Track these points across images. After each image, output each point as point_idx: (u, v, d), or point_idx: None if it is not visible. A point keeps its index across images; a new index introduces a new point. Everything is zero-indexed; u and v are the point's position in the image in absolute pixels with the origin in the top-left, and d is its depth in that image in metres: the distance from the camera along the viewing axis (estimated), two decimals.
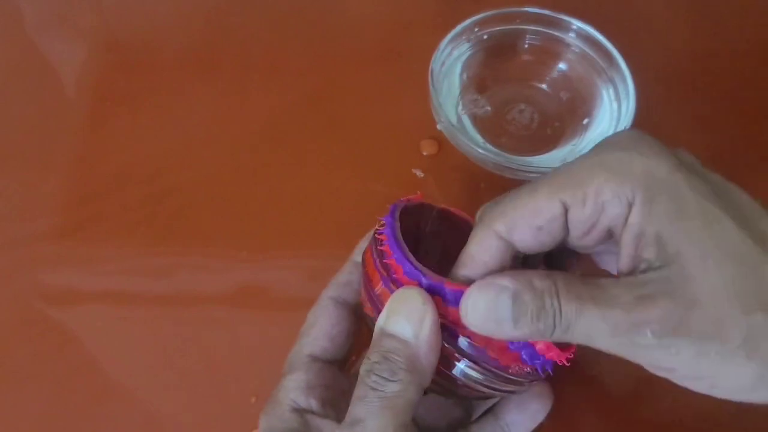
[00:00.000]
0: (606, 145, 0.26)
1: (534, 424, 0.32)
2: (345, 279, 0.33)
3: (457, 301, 0.25)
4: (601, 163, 0.25)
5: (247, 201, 0.43)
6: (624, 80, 0.42)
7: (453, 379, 0.27)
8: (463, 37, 0.45)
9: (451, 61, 0.44)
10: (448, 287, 0.26)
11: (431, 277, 0.26)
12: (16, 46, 0.51)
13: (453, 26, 0.44)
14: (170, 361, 0.37)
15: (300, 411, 0.29)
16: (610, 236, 0.26)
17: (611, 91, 0.43)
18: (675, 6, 0.53)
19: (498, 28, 0.45)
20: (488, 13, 0.45)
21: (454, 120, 0.42)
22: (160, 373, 0.37)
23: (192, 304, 0.39)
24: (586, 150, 0.43)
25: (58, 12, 0.53)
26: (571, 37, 0.45)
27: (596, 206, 0.25)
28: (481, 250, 0.27)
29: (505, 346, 0.26)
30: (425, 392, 0.26)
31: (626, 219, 0.24)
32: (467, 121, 0.44)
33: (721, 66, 0.50)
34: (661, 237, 0.23)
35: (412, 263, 0.26)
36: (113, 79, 0.49)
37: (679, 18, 0.53)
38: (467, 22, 0.44)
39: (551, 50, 0.46)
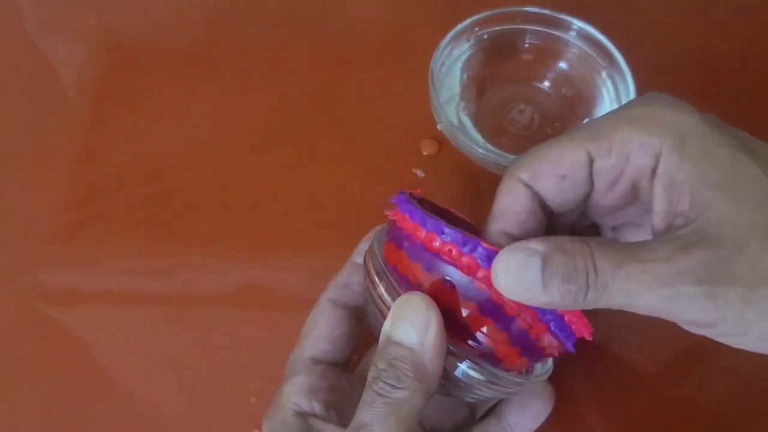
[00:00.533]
0: (629, 103, 0.26)
1: (536, 425, 0.32)
2: (344, 281, 0.33)
3: (491, 262, 0.25)
4: (626, 117, 0.25)
5: (247, 201, 0.43)
6: (624, 80, 0.42)
7: (455, 381, 0.27)
8: (463, 37, 0.45)
9: (451, 61, 0.44)
10: (484, 246, 0.25)
11: (468, 236, 0.25)
12: (16, 46, 0.51)
13: (453, 26, 0.44)
14: (170, 361, 0.37)
15: (303, 415, 0.29)
16: (635, 196, 0.26)
17: (611, 90, 0.43)
18: (675, 5, 0.53)
19: (498, 28, 0.45)
20: (488, 12, 0.45)
21: (454, 120, 0.42)
22: (160, 373, 0.37)
23: (192, 304, 0.39)
24: None
25: (58, 12, 0.53)
26: (571, 37, 0.45)
27: (621, 156, 0.25)
28: (508, 200, 0.27)
29: (536, 316, 0.25)
30: None
31: (653, 170, 0.24)
32: (467, 121, 0.44)
33: (722, 66, 0.50)
34: (694, 184, 0.23)
35: (447, 226, 0.26)
36: (113, 79, 0.49)
37: (680, 18, 0.53)
38: (467, 21, 0.44)
39: (551, 50, 0.46)
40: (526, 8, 0.45)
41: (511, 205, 0.27)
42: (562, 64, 0.46)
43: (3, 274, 0.41)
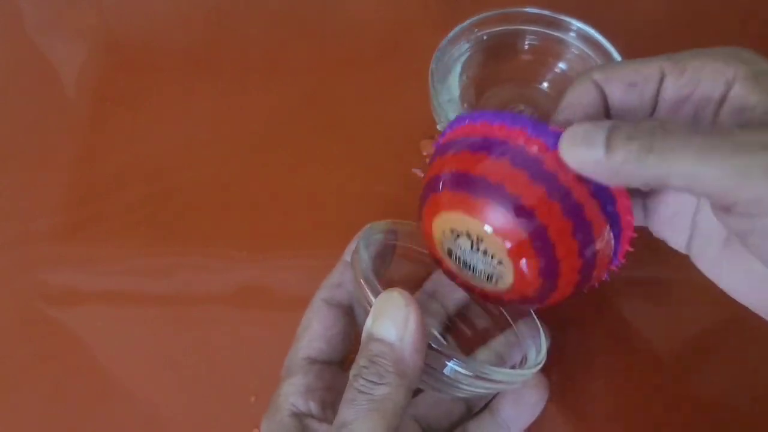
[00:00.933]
0: (706, 48, 0.27)
1: (532, 417, 0.32)
2: (337, 280, 0.33)
3: (557, 145, 0.26)
4: (706, 51, 0.26)
5: (247, 201, 0.43)
6: None
7: (442, 378, 0.27)
8: (463, 38, 0.45)
9: (450, 62, 0.44)
10: (551, 129, 0.26)
11: (533, 121, 0.26)
12: (16, 46, 0.51)
13: (453, 27, 0.44)
14: (170, 361, 0.37)
15: (299, 415, 0.29)
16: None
17: None
18: (674, 7, 0.53)
19: (498, 29, 0.45)
20: (488, 13, 0.45)
21: None
22: (160, 373, 0.37)
23: (192, 304, 0.39)
24: None
25: (58, 12, 0.53)
26: (570, 38, 0.45)
27: (693, 79, 0.25)
28: (577, 94, 0.28)
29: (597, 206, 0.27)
30: (420, 390, 0.26)
31: (722, 98, 0.25)
32: None
33: None
34: (765, 110, 0.23)
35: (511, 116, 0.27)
36: (113, 79, 0.49)
37: (679, 19, 0.53)
38: (467, 22, 0.44)
39: (551, 51, 0.46)
40: (526, 9, 0.45)
41: (579, 99, 0.28)
42: (562, 65, 0.46)
43: (3, 274, 0.41)
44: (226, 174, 0.44)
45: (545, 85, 0.46)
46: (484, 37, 0.45)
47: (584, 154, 0.24)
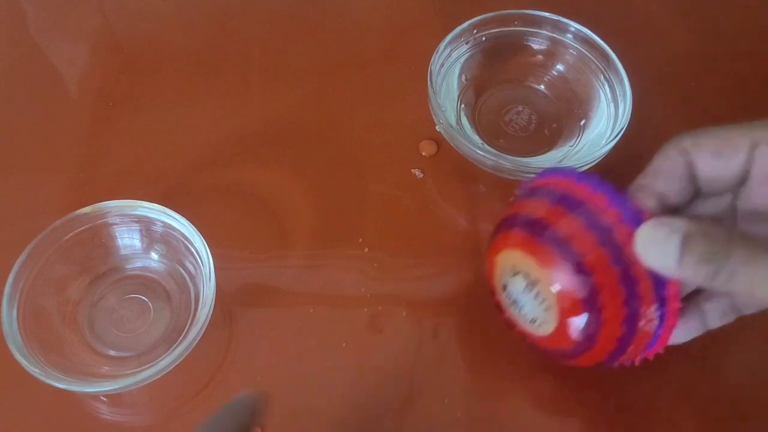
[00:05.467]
0: None
1: None
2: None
3: (633, 220, 0.27)
4: None
5: (248, 201, 0.43)
6: (621, 81, 0.42)
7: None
8: (462, 39, 0.45)
9: (450, 63, 0.45)
10: (631, 203, 0.28)
11: (615, 190, 0.28)
12: (19, 48, 0.51)
13: (452, 28, 0.44)
14: None
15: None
16: None
17: (608, 92, 0.44)
18: (672, 7, 0.54)
19: (496, 30, 0.46)
20: (487, 15, 0.45)
21: (453, 121, 0.42)
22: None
23: None
24: (583, 151, 0.44)
25: (61, 13, 0.53)
26: (568, 39, 0.45)
27: None
28: (663, 160, 0.28)
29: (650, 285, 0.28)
30: None
31: None
32: (466, 123, 0.45)
33: (718, 67, 0.50)
34: None
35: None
36: (115, 81, 0.49)
37: (676, 19, 0.53)
38: (466, 24, 0.45)
39: (549, 52, 0.46)
40: (524, 11, 0.45)
41: (664, 164, 0.29)
42: (560, 66, 0.46)
43: (4, 275, 0.41)
44: (227, 174, 0.45)
45: (543, 86, 0.47)
46: (483, 39, 0.46)
47: (658, 260, 0.26)
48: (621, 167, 0.34)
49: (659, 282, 0.28)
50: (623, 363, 0.31)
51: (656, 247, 0.25)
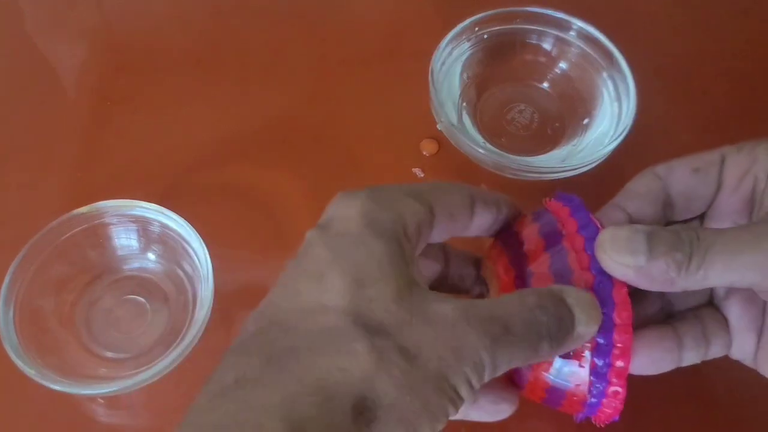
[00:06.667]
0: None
1: None
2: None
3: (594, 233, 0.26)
4: (761, 142, 0.28)
5: (247, 201, 0.43)
6: (624, 79, 0.42)
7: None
8: (464, 37, 0.45)
9: (451, 61, 0.44)
10: (594, 221, 0.27)
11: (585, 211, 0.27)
12: (16, 47, 0.51)
13: (453, 26, 0.44)
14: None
15: None
16: (753, 204, 0.27)
17: (612, 90, 0.43)
18: (675, 5, 0.53)
19: (498, 28, 0.45)
20: (488, 12, 0.45)
21: (454, 120, 0.42)
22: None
23: None
24: (587, 150, 0.43)
25: (59, 12, 0.53)
26: (571, 37, 0.45)
27: (751, 155, 0.27)
28: (638, 183, 0.29)
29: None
30: None
31: None
32: (467, 121, 0.44)
33: (722, 65, 0.50)
34: None
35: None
36: (113, 80, 0.49)
37: (680, 17, 0.53)
38: (467, 21, 0.44)
39: (551, 50, 0.46)
40: (526, 8, 0.45)
41: (638, 188, 0.29)
42: (562, 64, 0.46)
43: (3, 275, 0.41)
44: (226, 174, 0.44)
45: (545, 84, 0.46)
46: (485, 36, 0.45)
47: (625, 257, 0.24)
48: (624, 166, 0.33)
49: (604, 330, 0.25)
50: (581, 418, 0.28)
51: (622, 245, 0.24)
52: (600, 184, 0.30)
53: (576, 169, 0.40)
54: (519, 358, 0.23)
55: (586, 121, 0.44)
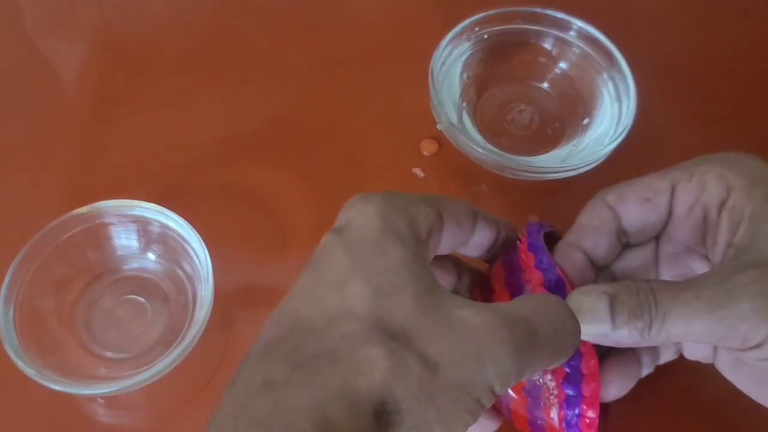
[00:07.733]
0: (711, 155, 0.29)
1: None
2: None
3: (557, 284, 0.27)
4: (709, 158, 0.28)
5: (247, 201, 0.43)
6: (624, 79, 0.42)
7: None
8: (464, 37, 0.45)
9: (451, 61, 0.44)
10: (558, 270, 0.28)
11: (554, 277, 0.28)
12: (16, 47, 0.51)
13: (453, 26, 0.44)
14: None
15: None
16: (704, 234, 0.28)
17: (612, 90, 0.43)
18: (675, 6, 0.53)
19: (498, 28, 0.45)
20: (489, 12, 0.45)
21: (454, 120, 0.42)
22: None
23: None
24: (587, 150, 0.43)
25: (58, 12, 0.53)
26: (571, 37, 0.45)
27: (700, 183, 0.27)
28: (591, 216, 0.29)
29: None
30: None
31: (724, 202, 0.27)
32: (467, 121, 0.44)
33: (722, 65, 0.50)
34: (755, 218, 0.25)
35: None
36: (113, 80, 0.49)
37: (680, 18, 0.53)
38: (467, 21, 0.44)
39: (552, 50, 0.46)
40: (526, 8, 0.45)
41: (591, 221, 0.29)
42: (563, 64, 0.46)
43: (3, 275, 0.41)
44: (226, 174, 0.44)
45: (545, 84, 0.46)
46: (485, 36, 0.45)
47: (592, 326, 0.25)
48: (624, 166, 0.33)
49: (572, 377, 0.26)
50: None
51: (587, 317, 0.25)
52: (600, 184, 0.30)
53: (576, 169, 0.40)
54: (544, 361, 0.24)
55: (586, 121, 0.44)
